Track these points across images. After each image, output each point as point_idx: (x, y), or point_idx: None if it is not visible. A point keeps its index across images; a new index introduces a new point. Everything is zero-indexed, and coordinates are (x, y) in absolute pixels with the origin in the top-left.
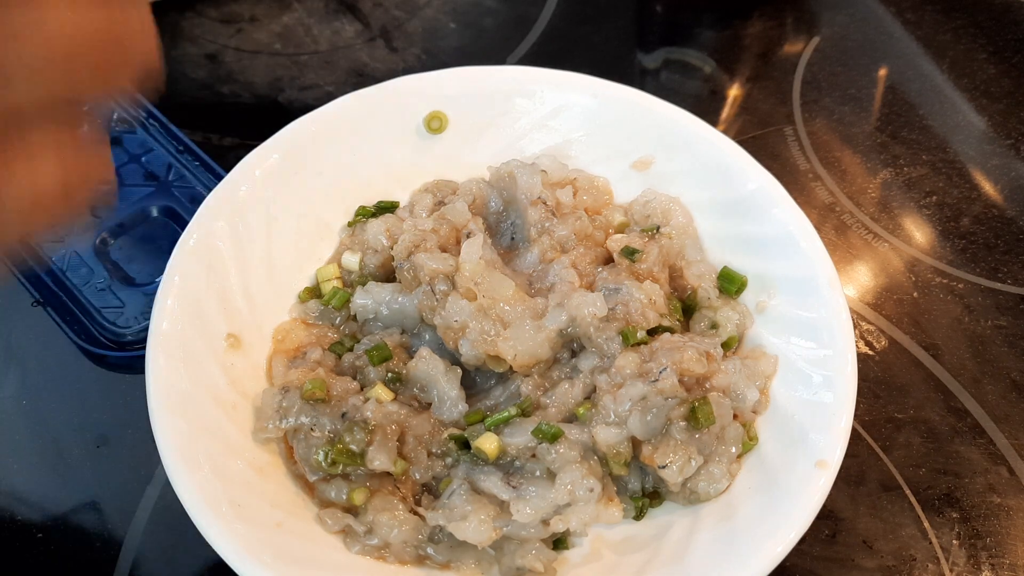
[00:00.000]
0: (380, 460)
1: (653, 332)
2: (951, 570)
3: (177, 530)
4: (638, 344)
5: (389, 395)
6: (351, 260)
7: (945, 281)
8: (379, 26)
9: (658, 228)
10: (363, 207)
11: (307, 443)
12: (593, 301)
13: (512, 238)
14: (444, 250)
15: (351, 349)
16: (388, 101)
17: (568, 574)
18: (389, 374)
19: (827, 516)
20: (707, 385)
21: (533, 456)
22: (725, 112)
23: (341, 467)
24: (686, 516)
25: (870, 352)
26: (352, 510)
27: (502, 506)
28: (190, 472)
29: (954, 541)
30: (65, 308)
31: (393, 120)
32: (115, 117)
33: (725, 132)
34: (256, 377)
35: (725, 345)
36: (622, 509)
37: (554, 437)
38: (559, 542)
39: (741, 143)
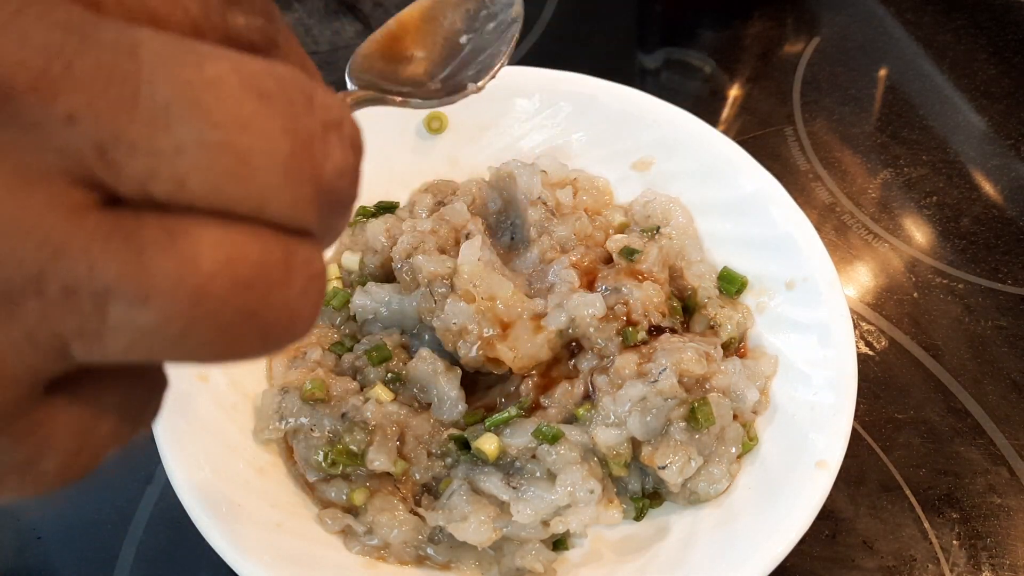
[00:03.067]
0: (380, 460)
1: (653, 332)
2: (951, 570)
3: (177, 530)
4: (638, 344)
5: (389, 395)
6: (351, 260)
7: (945, 281)
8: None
9: (658, 228)
10: (363, 207)
11: (307, 443)
12: (592, 301)
13: (512, 238)
14: (443, 251)
15: (351, 349)
16: None
17: (568, 574)
18: (389, 374)
19: (827, 516)
20: (707, 385)
21: (533, 457)
22: (725, 112)
23: (341, 467)
24: (686, 516)
25: (870, 352)
26: (352, 510)
27: (502, 507)
28: (190, 472)
29: (954, 541)
30: None
31: (393, 120)
32: None
33: (725, 132)
34: (256, 377)
35: (725, 345)
36: (622, 510)
37: (555, 438)
38: (559, 543)
39: (741, 143)
